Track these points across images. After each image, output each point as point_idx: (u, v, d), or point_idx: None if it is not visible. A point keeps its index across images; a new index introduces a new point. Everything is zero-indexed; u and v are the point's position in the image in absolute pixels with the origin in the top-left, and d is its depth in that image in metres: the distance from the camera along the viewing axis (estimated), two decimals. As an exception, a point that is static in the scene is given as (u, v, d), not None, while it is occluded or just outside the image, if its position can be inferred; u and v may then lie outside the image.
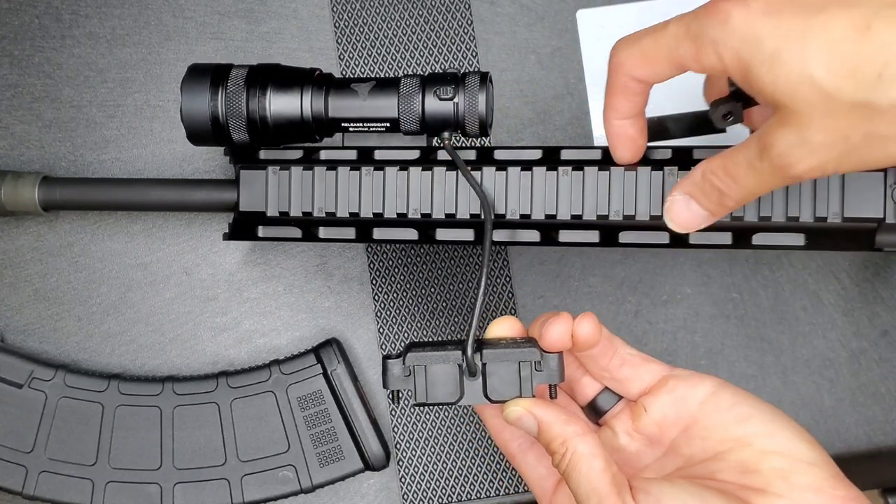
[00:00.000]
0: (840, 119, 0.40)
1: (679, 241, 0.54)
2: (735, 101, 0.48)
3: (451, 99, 0.53)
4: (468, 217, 0.55)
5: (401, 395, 0.49)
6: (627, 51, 0.47)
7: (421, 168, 0.55)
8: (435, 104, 0.53)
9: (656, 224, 0.54)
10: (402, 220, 0.56)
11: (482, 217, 0.55)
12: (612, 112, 0.50)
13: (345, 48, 0.67)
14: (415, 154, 0.56)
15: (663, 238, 0.55)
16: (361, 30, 0.67)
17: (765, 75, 0.40)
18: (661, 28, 0.45)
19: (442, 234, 0.56)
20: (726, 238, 0.54)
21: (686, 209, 0.49)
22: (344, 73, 0.66)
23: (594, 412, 0.53)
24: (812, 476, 0.46)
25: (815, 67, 0.39)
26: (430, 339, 0.49)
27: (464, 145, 0.62)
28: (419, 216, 0.56)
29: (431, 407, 0.49)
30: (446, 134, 0.54)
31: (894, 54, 0.38)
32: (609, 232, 0.55)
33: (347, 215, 0.56)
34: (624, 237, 0.55)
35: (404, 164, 0.56)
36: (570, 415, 0.47)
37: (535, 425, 0.47)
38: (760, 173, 0.44)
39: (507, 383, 0.48)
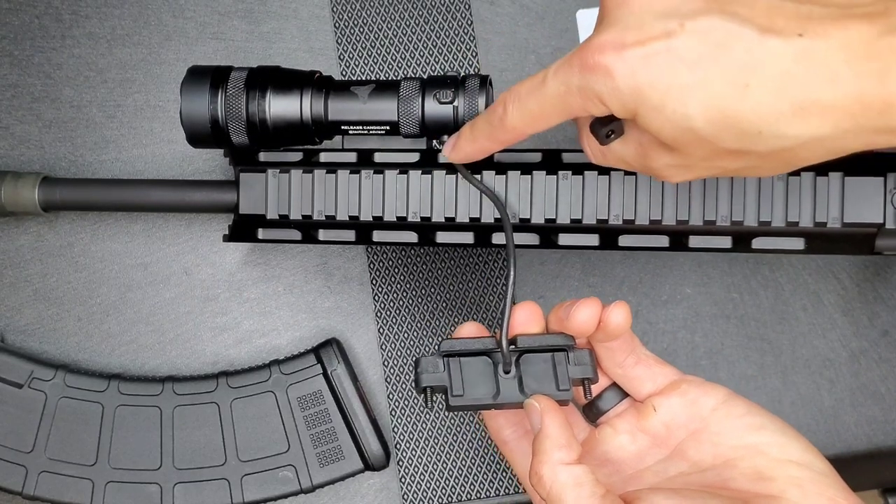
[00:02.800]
0: (719, 158, 0.43)
1: (678, 244, 0.54)
2: (615, 120, 0.49)
3: (450, 102, 0.53)
4: (468, 220, 0.55)
5: (435, 398, 0.48)
6: (518, 114, 0.47)
7: (420, 171, 0.55)
8: (435, 108, 0.53)
9: (656, 228, 0.54)
10: (401, 224, 0.56)
11: (496, 212, 0.55)
12: (477, 145, 0.50)
13: (345, 48, 0.67)
14: (414, 157, 0.56)
15: (663, 242, 0.55)
16: (361, 30, 0.67)
17: (651, 123, 0.42)
18: (540, 85, 0.45)
19: (442, 237, 0.56)
20: (726, 242, 0.54)
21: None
22: (344, 73, 0.66)
23: (595, 409, 0.52)
24: (825, 486, 0.46)
25: (697, 122, 0.41)
26: (446, 339, 0.48)
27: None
28: (419, 219, 0.56)
29: (468, 411, 0.48)
30: (446, 137, 0.54)
31: (771, 114, 0.40)
32: (608, 235, 0.55)
33: (347, 218, 0.56)
34: (623, 241, 0.55)
35: (404, 168, 0.56)
36: (570, 437, 0.47)
37: (537, 426, 0.47)
38: (630, 167, 0.47)
39: (543, 379, 0.47)
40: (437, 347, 0.47)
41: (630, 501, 0.45)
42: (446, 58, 0.66)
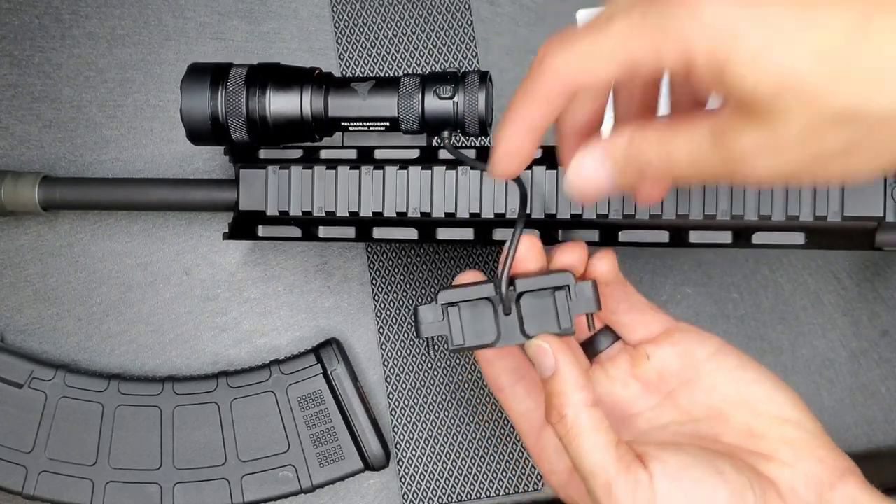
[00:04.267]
0: (821, 128, 0.35)
1: (678, 240, 0.54)
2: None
3: (450, 98, 0.53)
4: (468, 216, 0.55)
5: (436, 342, 0.48)
6: (564, 53, 0.39)
7: (421, 167, 0.56)
8: (435, 103, 0.53)
9: (656, 223, 0.54)
10: (402, 220, 0.56)
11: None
12: (519, 123, 0.42)
13: (345, 48, 0.67)
14: (415, 153, 0.56)
15: (663, 237, 0.55)
16: (361, 30, 0.67)
17: (746, 74, 0.35)
18: (604, 23, 0.37)
19: (442, 234, 0.56)
20: (726, 237, 0.54)
21: (594, 170, 0.41)
22: (344, 73, 0.66)
23: (590, 349, 0.52)
24: (815, 447, 0.46)
25: (806, 71, 0.34)
26: (444, 288, 0.47)
27: (464, 145, 0.62)
28: (419, 215, 0.56)
29: (469, 352, 0.47)
30: (446, 133, 0.54)
31: (893, 63, 0.34)
32: (608, 231, 0.55)
33: (347, 214, 0.56)
34: (623, 236, 0.55)
35: (404, 164, 0.56)
36: (585, 377, 0.46)
37: (550, 369, 0.46)
38: (704, 163, 0.38)
39: (544, 317, 0.47)
40: (434, 297, 0.47)
41: (640, 456, 0.44)
42: (446, 58, 0.66)
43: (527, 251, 0.47)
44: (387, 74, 0.66)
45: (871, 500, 0.46)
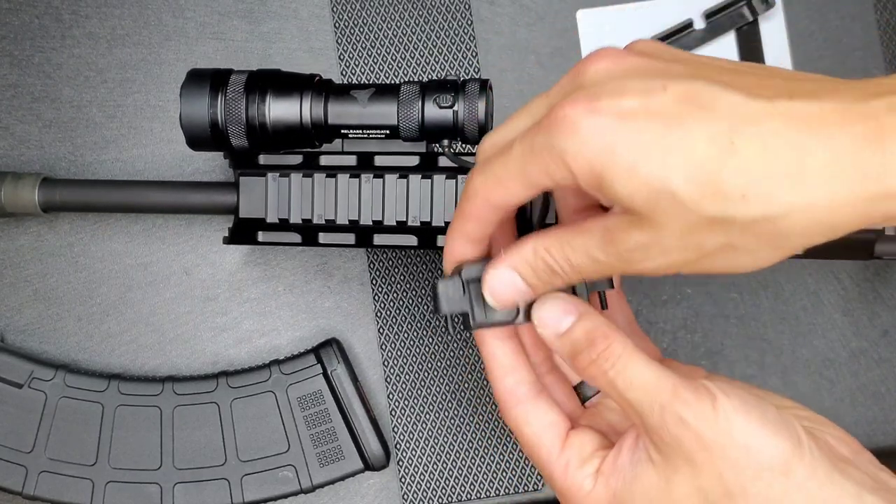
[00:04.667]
0: (698, 231, 0.38)
1: None
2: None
3: (450, 107, 0.53)
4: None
5: (456, 322, 0.46)
6: (482, 178, 0.43)
7: (420, 176, 0.55)
8: (434, 112, 0.53)
9: None
10: (401, 228, 0.56)
11: None
12: (459, 236, 0.46)
13: (345, 48, 0.67)
14: (414, 160, 0.56)
15: None
16: (361, 30, 0.67)
17: (621, 187, 0.38)
18: (508, 149, 0.42)
19: (443, 241, 0.56)
20: None
21: (510, 284, 0.44)
22: (344, 73, 0.66)
23: (581, 394, 0.51)
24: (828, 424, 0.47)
25: (676, 183, 0.37)
26: (466, 265, 0.46)
27: (463, 151, 0.62)
28: (419, 224, 0.55)
29: (490, 327, 0.46)
30: (446, 141, 0.53)
31: (758, 174, 0.36)
32: None
33: (347, 222, 0.56)
34: None
35: (404, 172, 0.56)
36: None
37: (566, 323, 0.45)
38: (601, 264, 0.41)
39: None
40: (458, 272, 0.46)
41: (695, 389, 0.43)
42: (446, 58, 0.66)
43: None
44: (387, 74, 0.66)
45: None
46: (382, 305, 0.66)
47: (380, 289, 0.66)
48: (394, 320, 0.66)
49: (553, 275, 0.43)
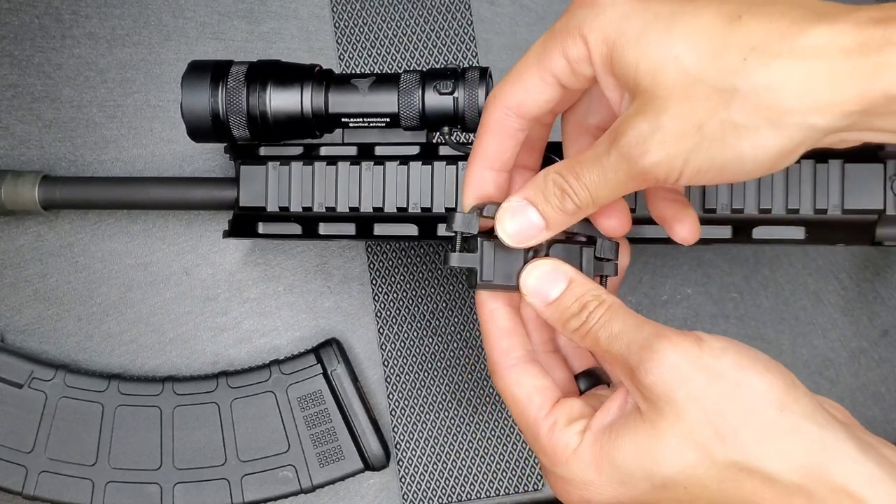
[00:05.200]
0: (698, 104, 0.38)
1: None
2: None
3: (450, 93, 0.53)
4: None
5: (464, 272, 0.46)
6: (499, 85, 0.44)
7: (421, 163, 0.56)
8: (435, 99, 0.53)
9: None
10: (402, 216, 0.56)
11: None
12: (477, 160, 0.46)
13: (345, 48, 0.67)
14: (415, 150, 0.56)
15: (663, 232, 0.54)
16: (361, 30, 0.67)
17: (629, 54, 0.39)
18: (529, 49, 0.44)
19: (443, 230, 0.56)
20: (726, 232, 0.54)
21: (522, 216, 0.44)
22: (344, 72, 0.66)
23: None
24: None
25: (680, 48, 0.38)
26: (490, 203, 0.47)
27: (463, 141, 0.62)
28: (419, 211, 0.56)
29: (495, 289, 0.46)
30: (446, 128, 0.54)
31: (760, 41, 0.38)
32: None
33: (347, 210, 0.56)
34: None
35: (404, 160, 0.56)
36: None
37: (556, 291, 0.44)
38: (605, 168, 0.41)
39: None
40: (477, 210, 0.45)
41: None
42: (446, 58, 0.66)
43: None
44: (387, 72, 0.67)
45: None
46: (382, 305, 0.66)
47: (380, 289, 0.66)
48: (394, 320, 0.66)
49: (564, 197, 0.43)
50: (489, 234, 0.46)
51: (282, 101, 0.54)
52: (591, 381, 0.48)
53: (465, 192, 0.47)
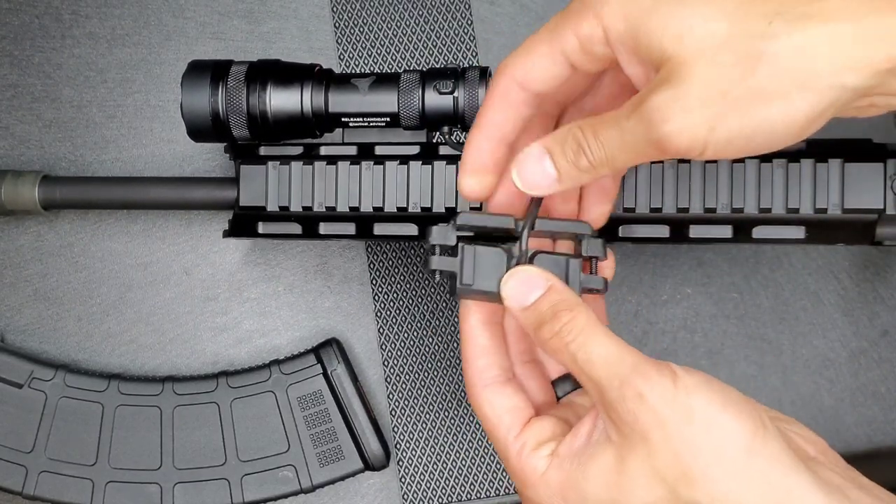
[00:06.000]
0: (724, 70, 0.38)
1: (678, 235, 0.54)
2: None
3: (450, 93, 0.53)
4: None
5: (444, 280, 0.46)
6: (510, 56, 0.44)
7: (421, 162, 0.56)
8: (435, 98, 0.53)
9: (656, 217, 0.54)
10: (402, 215, 0.56)
11: None
12: (478, 128, 0.46)
13: (345, 48, 0.67)
14: (415, 150, 0.56)
15: (663, 232, 0.55)
16: (361, 30, 0.67)
17: (653, 25, 0.39)
18: (543, 25, 0.44)
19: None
20: (727, 231, 0.54)
21: (537, 164, 0.44)
22: (344, 72, 0.66)
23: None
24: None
25: (704, 15, 0.38)
26: (463, 212, 0.46)
27: (464, 141, 0.62)
28: (419, 210, 0.56)
29: (474, 295, 0.46)
30: (446, 128, 0.54)
31: (784, 4, 0.37)
32: (608, 226, 0.55)
33: (347, 210, 0.56)
34: (623, 231, 0.55)
35: (404, 159, 0.56)
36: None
37: (533, 296, 0.44)
38: (624, 130, 0.41)
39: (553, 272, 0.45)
40: (453, 221, 0.45)
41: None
42: (446, 58, 0.66)
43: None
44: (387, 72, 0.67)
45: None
46: (382, 305, 0.66)
47: (380, 289, 0.66)
48: (394, 320, 0.66)
49: (579, 152, 0.42)
50: (470, 240, 0.46)
51: (282, 100, 0.54)
52: (567, 386, 0.47)
53: (464, 161, 0.46)
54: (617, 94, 0.46)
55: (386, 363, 0.66)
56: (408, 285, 0.66)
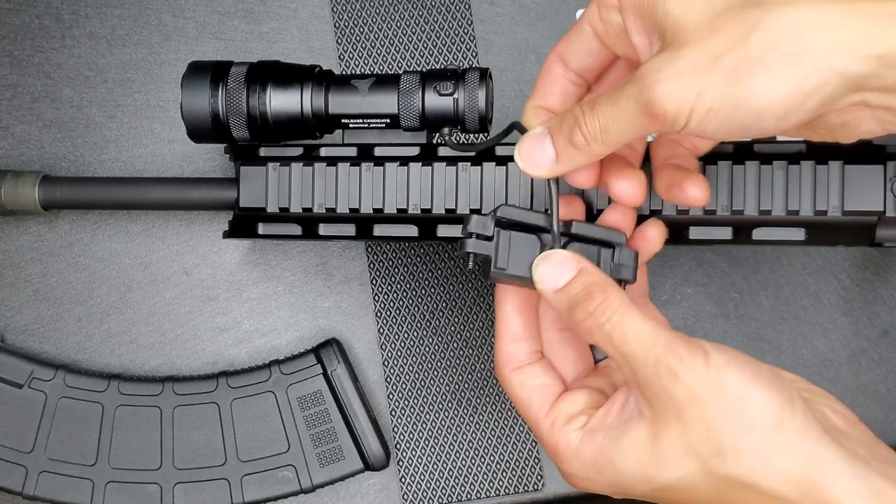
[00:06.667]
0: (720, 37, 0.38)
1: (678, 236, 0.54)
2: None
3: (451, 94, 0.53)
4: (468, 212, 0.55)
5: (477, 264, 0.46)
6: (559, 40, 0.48)
7: (421, 164, 0.56)
8: (435, 100, 0.53)
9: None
10: (402, 217, 0.56)
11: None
12: (531, 97, 0.49)
13: (345, 48, 0.67)
14: (415, 151, 0.56)
15: None
16: (361, 30, 0.67)
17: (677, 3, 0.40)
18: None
19: (443, 231, 0.56)
20: (726, 233, 0.54)
21: (538, 144, 0.45)
22: (344, 73, 0.66)
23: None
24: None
25: None
26: (504, 205, 0.47)
27: (464, 142, 0.62)
28: (419, 212, 0.56)
29: (508, 279, 0.47)
30: (446, 129, 0.54)
31: None
32: None
33: (347, 211, 0.56)
34: None
35: (404, 160, 0.56)
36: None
37: (565, 278, 0.45)
38: (618, 97, 0.41)
39: None
40: (493, 212, 0.46)
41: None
42: (446, 58, 0.66)
43: (568, 203, 0.51)
44: (387, 72, 0.66)
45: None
46: (382, 305, 0.66)
47: (380, 289, 0.66)
48: (394, 320, 0.66)
49: (574, 128, 0.43)
50: (505, 225, 0.47)
51: (282, 101, 0.54)
52: None
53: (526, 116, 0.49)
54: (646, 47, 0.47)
55: (386, 363, 0.66)
56: (408, 285, 0.66)
